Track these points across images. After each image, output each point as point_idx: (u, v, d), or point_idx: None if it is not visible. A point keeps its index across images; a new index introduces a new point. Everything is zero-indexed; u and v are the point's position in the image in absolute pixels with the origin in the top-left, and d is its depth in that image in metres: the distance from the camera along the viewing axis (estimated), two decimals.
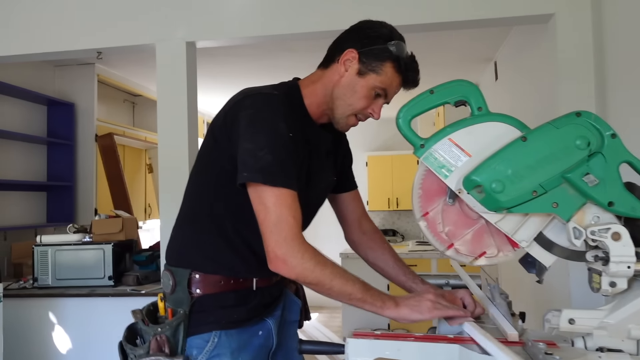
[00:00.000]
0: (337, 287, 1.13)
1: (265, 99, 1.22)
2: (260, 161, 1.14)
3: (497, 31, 3.80)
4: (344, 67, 1.27)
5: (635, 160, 0.97)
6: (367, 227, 1.57)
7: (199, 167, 1.34)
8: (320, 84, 1.31)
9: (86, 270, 3.02)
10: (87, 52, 3.11)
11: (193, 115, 3.06)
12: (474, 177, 1.00)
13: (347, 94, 1.27)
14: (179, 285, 1.27)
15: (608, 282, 0.99)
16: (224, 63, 4.57)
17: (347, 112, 1.29)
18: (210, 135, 1.29)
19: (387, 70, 1.24)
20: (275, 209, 1.13)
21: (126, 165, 5.06)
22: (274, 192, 1.13)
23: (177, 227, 1.36)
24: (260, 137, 1.16)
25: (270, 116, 1.19)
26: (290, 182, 1.15)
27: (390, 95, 1.29)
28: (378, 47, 1.24)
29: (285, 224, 1.12)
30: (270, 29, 2.92)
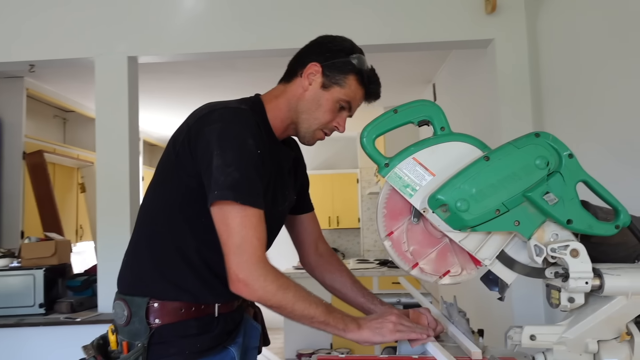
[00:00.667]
0: (299, 311, 1.10)
1: (233, 113, 1.18)
2: (227, 178, 1.09)
3: (436, 54, 3.93)
4: (308, 81, 1.26)
5: (591, 180, 1.01)
6: (323, 249, 1.54)
7: (157, 185, 1.27)
8: (284, 99, 1.29)
9: (14, 298, 2.79)
10: (18, 64, 2.93)
11: (134, 134, 2.95)
12: (439, 196, 1.00)
13: (312, 108, 1.27)
14: (135, 315, 1.17)
15: (567, 298, 1.02)
16: (165, 79, 4.46)
17: (314, 126, 1.29)
18: (171, 151, 1.22)
19: (351, 83, 1.25)
20: (240, 229, 1.09)
21: (57, 185, 4.78)
22: (239, 211, 1.09)
23: (132, 252, 1.27)
24: (228, 153, 1.11)
25: (238, 131, 1.15)
26: (257, 201, 1.12)
27: (354, 108, 1.30)
28: (341, 60, 1.25)
29: (248, 246, 1.09)
30: (214, 45, 2.88)
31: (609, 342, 1.01)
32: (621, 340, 1.00)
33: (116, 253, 2.81)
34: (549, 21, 2.44)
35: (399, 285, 1.43)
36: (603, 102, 1.97)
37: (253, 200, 1.11)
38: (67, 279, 3.02)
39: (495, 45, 2.71)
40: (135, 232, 1.29)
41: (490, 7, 2.64)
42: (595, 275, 0.99)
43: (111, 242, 2.86)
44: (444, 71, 4.34)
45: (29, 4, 2.90)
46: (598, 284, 0.98)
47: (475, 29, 2.72)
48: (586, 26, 2.08)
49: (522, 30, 2.68)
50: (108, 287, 2.83)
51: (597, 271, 0.99)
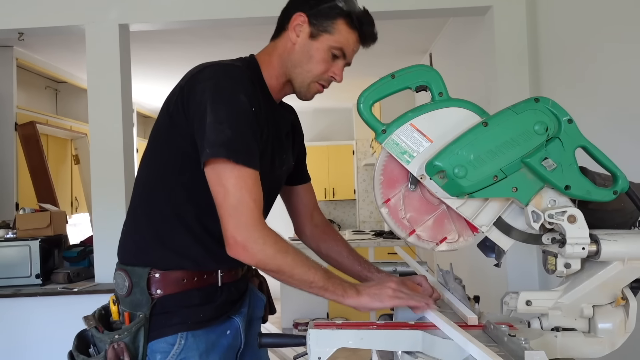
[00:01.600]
0: (298, 275, 1.09)
1: (225, 69, 1.14)
2: (220, 135, 1.05)
3: (432, 23, 3.87)
4: (295, 33, 1.21)
5: (590, 145, 1.00)
6: (319, 219, 1.52)
7: (152, 151, 1.22)
8: (276, 56, 1.24)
9: (10, 269, 2.79)
10: (7, 32, 2.87)
11: (127, 104, 2.91)
12: (437, 163, 0.99)
13: (304, 60, 1.21)
14: (137, 286, 1.15)
15: (563, 264, 1.02)
16: (158, 49, 4.39)
17: (308, 79, 1.23)
18: (165, 114, 1.17)
19: (340, 27, 1.19)
20: (235, 190, 1.05)
21: (50, 156, 4.74)
22: (234, 171, 1.05)
23: (131, 221, 1.24)
24: (220, 109, 1.07)
25: (230, 87, 1.10)
26: (252, 161, 1.07)
27: (349, 55, 1.23)
28: (326, 5, 1.19)
29: (245, 207, 1.05)
30: (207, 13, 2.82)
31: (604, 307, 1.02)
32: (616, 305, 1.01)
33: (112, 223, 2.83)
34: None
35: (394, 256, 1.43)
36: (601, 69, 1.95)
37: (247, 159, 1.06)
38: (64, 249, 3.02)
39: (494, 12, 2.66)
40: (132, 201, 1.25)
41: None
42: (592, 241, 0.99)
43: (106, 212, 2.85)
44: (440, 40, 4.28)
45: None
46: (595, 250, 0.99)
47: None
48: None
49: None
50: (104, 258, 2.83)
51: (594, 237, 0.99)
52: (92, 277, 2.89)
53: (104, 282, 2.80)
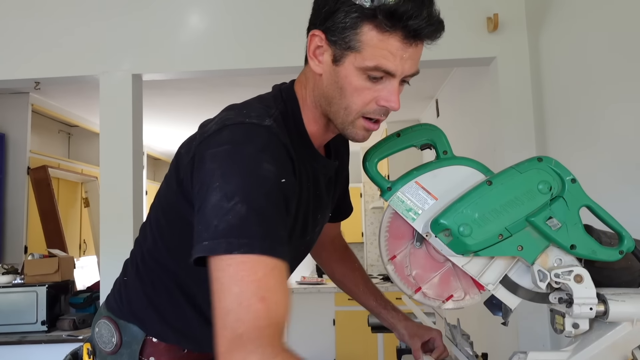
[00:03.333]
0: None
1: (249, 130, 0.85)
2: (225, 217, 0.75)
3: (439, 70, 3.95)
4: (317, 60, 0.91)
5: (594, 205, 1.00)
6: (339, 243, 1.42)
7: (158, 211, 1.04)
8: (309, 90, 0.97)
9: (16, 315, 2.80)
10: (24, 81, 2.96)
11: (138, 150, 2.96)
12: (442, 221, 1.00)
13: (336, 95, 0.90)
14: (126, 347, 1.00)
15: (571, 324, 1.01)
16: (170, 95, 4.49)
17: (348, 118, 0.91)
18: (174, 174, 0.96)
19: (368, 37, 0.83)
20: (234, 284, 0.71)
21: (60, 199, 4.80)
22: (238, 263, 0.73)
23: (134, 274, 1.07)
24: (231, 181, 0.78)
25: (252, 153, 0.82)
26: (275, 247, 0.76)
27: (400, 68, 0.86)
28: (342, 9, 0.84)
29: (246, 313, 0.70)
30: (217, 63, 2.90)
31: None
32: None
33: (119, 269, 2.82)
34: (551, 39, 2.45)
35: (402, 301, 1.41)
36: (606, 120, 1.97)
37: (268, 246, 0.75)
38: (70, 295, 3.02)
39: (498, 63, 2.72)
40: (136, 251, 1.09)
41: (492, 25, 2.65)
42: (600, 301, 0.98)
43: (114, 257, 2.85)
44: (446, 87, 4.35)
45: (34, 22, 2.94)
46: (603, 310, 0.98)
47: (478, 47, 2.73)
48: (588, 44, 2.09)
49: (525, 48, 2.69)
50: None
51: (602, 297, 0.98)
52: None
53: None
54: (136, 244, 1.09)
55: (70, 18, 2.93)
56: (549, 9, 2.44)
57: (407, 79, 0.92)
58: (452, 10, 2.75)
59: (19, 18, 2.94)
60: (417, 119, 5.67)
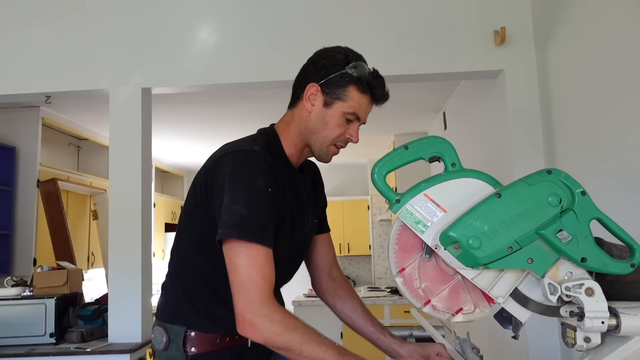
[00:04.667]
0: (307, 352, 1.07)
1: (244, 155, 1.22)
2: (234, 216, 1.12)
3: (446, 83, 3.96)
4: (310, 102, 1.28)
5: (604, 217, 1.00)
6: (337, 274, 1.54)
7: (184, 224, 1.32)
8: (294, 125, 1.32)
9: (25, 327, 2.80)
10: (35, 96, 3.00)
11: (147, 163, 2.98)
12: (451, 233, 1.00)
13: (320, 128, 1.28)
14: (173, 342, 1.24)
15: (583, 338, 1.00)
16: (178, 109, 4.52)
17: (325, 143, 1.29)
18: (192, 192, 1.28)
19: (352, 94, 1.25)
20: (245, 269, 1.10)
21: (69, 212, 4.83)
22: (245, 249, 1.11)
23: (169, 283, 1.33)
24: (237, 192, 1.15)
25: (248, 172, 1.18)
26: (265, 239, 1.13)
27: (363, 117, 1.29)
28: (337, 74, 1.25)
29: (253, 285, 1.09)
30: (227, 77, 2.92)
31: None
32: None
33: (127, 282, 2.85)
34: (558, 52, 2.46)
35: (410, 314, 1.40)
36: (615, 133, 1.97)
37: (259, 237, 1.12)
38: (78, 308, 3.02)
39: (505, 75, 2.72)
40: (169, 267, 1.35)
41: (499, 38, 2.66)
42: (612, 315, 0.97)
43: (122, 270, 2.87)
44: (454, 100, 4.36)
45: (45, 36, 2.98)
46: (615, 324, 0.97)
47: (486, 60, 2.74)
48: (596, 56, 2.09)
49: (532, 61, 2.70)
50: (118, 317, 2.83)
51: (614, 310, 0.97)
52: (105, 337, 2.87)
53: (117, 341, 2.79)
54: (169, 267, 1.35)
55: (80, 33, 2.98)
56: (556, 22, 2.45)
57: (360, 125, 1.32)
58: (460, 23, 2.77)
59: (30, 33, 2.99)
60: (424, 132, 5.67)
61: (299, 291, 5.56)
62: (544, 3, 2.58)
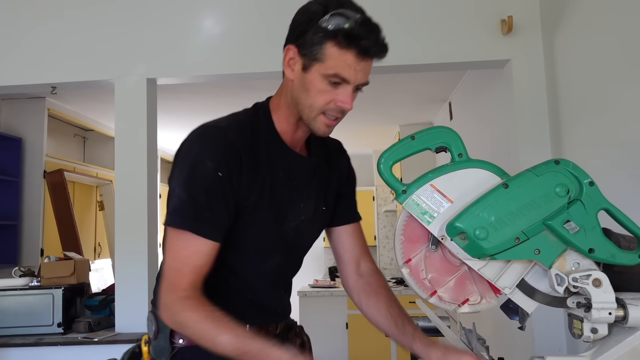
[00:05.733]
0: (206, 343, 1.02)
1: (203, 132, 1.13)
2: (173, 200, 1.09)
3: (452, 73, 3.93)
4: (290, 68, 1.12)
5: (612, 208, 0.99)
6: (366, 268, 1.34)
7: None
8: (283, 97, 1.18)
9: (33, 317, 2.82)
10: (41, 86, 3.00)
11: (153, 154, 2.99)
12: (458, 224, 1.00)
13: (302, 96, 1.11)
14: (162, 332, 1.18)
15: (590, 329, 0.99)
16: (183, 99, 4.52)
17: (312, 114, 1.12)
18: None
19: (330, 51, 1.05)
20: (171, 254, 1.08)
21: (76, 203, 4.85)
22: (174, 236, 1.08)
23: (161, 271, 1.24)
24: (181, 174, 1.09)
25: (197, 151, 1.10)
26: (200, 228, 1.06)
27: (352, 77, 1.08)
28: (311, 30, 1.06)
29: (173, 272, 1.07)
30: (232, 67, 2.91)
31: None
32: None
33: (134, 272, 2.86)
34: (566, 41, 2.43)
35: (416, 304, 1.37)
36: (623, 122, 1.95)
37: (193, 226, 1.06)
38: (86, 298, 3.04)
39: (512, 65, 2.70)
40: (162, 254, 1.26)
41: (506, 27, 2.63)
42: (619, 306, 0.97)
43: (129, 260, 2.88)
44: (459, 90, 4.33)
45: (49, 28, 2.98)
46: (622, 315, 0.96)
47: (492, 50, 2.72)
48: (603, 46, 2.07)
49: (539, 51, 2.67)
50: (125, 307, 2.85)
51: (621, 301, 0.97)
52: (112, 327, 2.89)
53: (124, 331, 2.81)
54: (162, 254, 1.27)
55: (85, 24, 2.97)
56: (563, 11, 2.42)
57: (360, 86, 1.12)
58: (466, 12, 2.74)
59: (34, 24, 2.99)
60: (430, 122, 5.65)
61: (305, 282, 5.59)
62: None
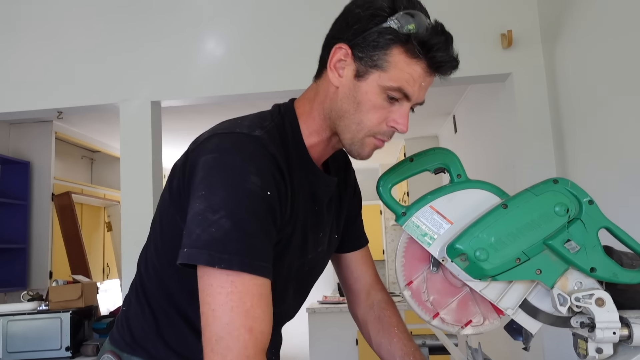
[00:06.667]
0: None
1: (236, 140, 0.85)
2: (209, 229, 0.77)
3: (455, 87, 3.94)
4: (337, 73, 0.90)
5: (613, 226, 0.98)
6: (377, 298, 1.20)
7: (154, 226, 1.00)
8: (317, 104, 0.96)
9: (41, 342, 2.83)
10: (47, 112, 3.04)
11: (158, 175, 3.01)
12: (458, 246, 0.99)
13: (350, 109, 0.90)
14: None
15: (594, 349, 0.98)
16: (189, 119, 4.56)
17: (359, 134, 0.92)
18: (168, 185, 0.95)
19: (396, 59, 0.85)
20: (224, 313, 0.74)
21: (84, 224, 4.89)
22: (225, 283, 0.75)
23: (134, 299, 1.02)
24: (217, 194, 0.79)
25: (238, 165, 0.82)
26: (259, 267, 0.77)
27: (415, 93, 0.90)
28: (375, 29, 0.86)
29: (234, 341, 0.73)
30: (234, 88, 2.94)
31: None
32: None
33: None
34: (566, 54, 2.44)
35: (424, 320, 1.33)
36: (625, 135, 1.94)
37: (251, 265, 0.77)
38: (93, 321, 3.05)
39: (514, 78, 2.70)
40: (136, 276, 1.04)
41: (506, 41, 2.64)
42: (623, 325, 0.96)
43: None
44: (463, 103, 4.34)
45: (54, 54, 3.03)
46: (627, 334, 0.95)
47: (493, 64, 2.73)
48: (604, 58, 2.07)
49: (540, 64, 2.68)
50: None
51: (625, 320, 0.96)
52: None
53: None
54: (136, 272, 1.05)
55: (89, 49, 3.02)
56: (563, 24, 2.43)
57: (414, 106, 0.96)
58: (466, 27, 2.76)
59: (40, 51, 3.04)
60: (435, 135, 5.65)
61: (313, 298, 5.57)
62: (551, 5, 2.57)
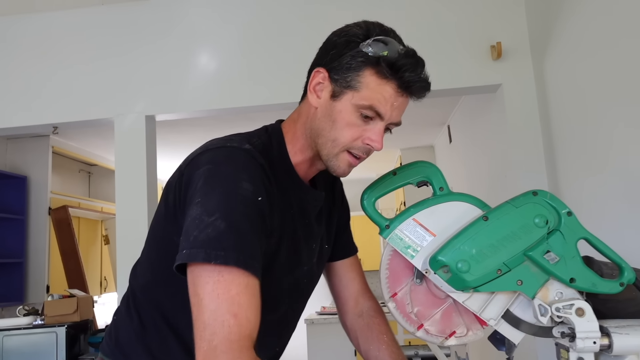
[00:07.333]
0: None
1: (228, 153, 0.92)
2: (206, 230, 0.81)
3: (449, 98, 3.98)
4: (316, 94, 0.97)
5: (592, 237, 1.00)
6: (366, 307, 1.23)
7: (149, 241, 1.05)
8: (300, 124, 1.02)
9: (37, 356, 2.84)
10: (43, 127, 3.06)
11: (153, 189, 3.03)
12: (440, 258, 1.01)
13: (327, 127, 0.96)
14: None
15: (576, 358, 1.00)
16: (183, 132, 4.59)
17: (334, 150, 0.97)
18: (163, 201, 0.98)
19: (368, 80, 0.91)
20: (211, 301, 0.78)
21: (81, 238, 4.89)
22: (214, 275, 0.79)
23: (124, 310, 1.06)
24: (212, 200, 0.84)
25: (231, 173, 0.88)
26: (247, 262, 0.81)
27: (388, 113, 0.94)
28: (349, 53, 0.93)
29: (219, 327, 0.76)
30: (228, 101, 2.97)
31: None
32: None
33: None
34: (555, 64, 2.47)
35: None
36: (614, 144, 1.97)
37: (240, 260, 0.80)
38: (89, 335, 3.05)
39: (504, 89, 2.73)
40: (129, 288, 1.08)
41: (496, 53, 2.68)
42: (604, 334, 0.97)
43: None
44: (457, 113, 4.37)
45: (50, 70, 3.06)
46: (607, 344, 0.96)
47: (483, 75, 2.76)
48: (592, 68, 2.10)
49: (530, 74, 2.71)
50: None
51: (605, 330, 0.97)
52: None
53: None
54: (128, 285, 1.09)
55: (84, 65, 3.05)
56: (552, 35, 2.46)
57: (390, 126, 1.00)
58: (456, 39, 2.79)
59: (36, 67, 3.06)
60: (430, 146, 5.68)
61: (312, 309, 5.56)
62: (540, 17, 2.60)
